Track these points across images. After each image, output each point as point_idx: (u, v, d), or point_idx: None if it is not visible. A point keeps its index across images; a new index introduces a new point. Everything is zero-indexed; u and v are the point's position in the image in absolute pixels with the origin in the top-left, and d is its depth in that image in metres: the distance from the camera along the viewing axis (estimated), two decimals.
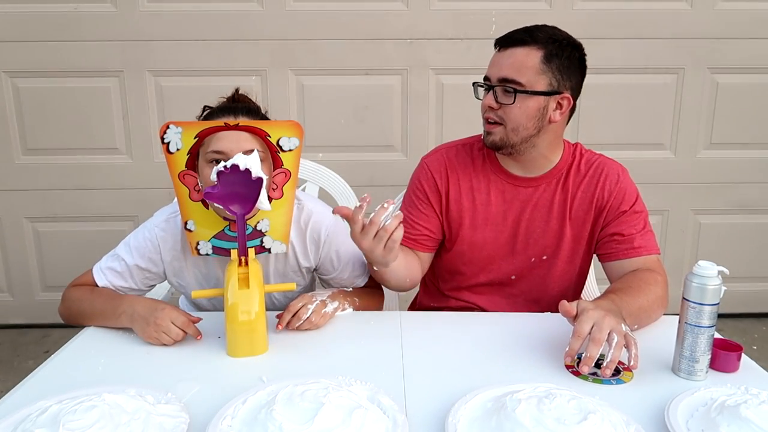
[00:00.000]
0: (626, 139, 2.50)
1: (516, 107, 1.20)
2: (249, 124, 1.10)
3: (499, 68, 1.21)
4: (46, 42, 2.36)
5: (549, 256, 1.33)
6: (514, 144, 1.23)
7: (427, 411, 0.87)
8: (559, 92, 1.21)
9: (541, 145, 1.26)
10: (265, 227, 1.16)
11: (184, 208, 1.13)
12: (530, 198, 1.31)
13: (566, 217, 1.30)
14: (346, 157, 2.38)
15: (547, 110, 1.22)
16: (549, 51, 1.18)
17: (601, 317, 0.95)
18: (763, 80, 2.49)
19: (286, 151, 1.13)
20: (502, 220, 1.32)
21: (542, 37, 1.19)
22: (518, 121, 1.21)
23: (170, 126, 1.07)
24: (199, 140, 1.09)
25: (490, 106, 1.22)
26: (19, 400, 0.89)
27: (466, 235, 1.33)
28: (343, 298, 1.25)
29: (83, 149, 2.47)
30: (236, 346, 1.05)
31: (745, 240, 2.66)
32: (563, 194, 1.30)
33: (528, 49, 1.19)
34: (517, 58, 1.19)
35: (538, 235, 1.32)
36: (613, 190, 1.28)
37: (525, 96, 1.19)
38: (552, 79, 1.20)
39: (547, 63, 1.18)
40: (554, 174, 1.31)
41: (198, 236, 1.15)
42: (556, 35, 1.21)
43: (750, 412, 0.77)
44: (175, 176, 1.11)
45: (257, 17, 2.36)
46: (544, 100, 1.20)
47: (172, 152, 1.09)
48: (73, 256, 2.57)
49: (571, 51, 1.21)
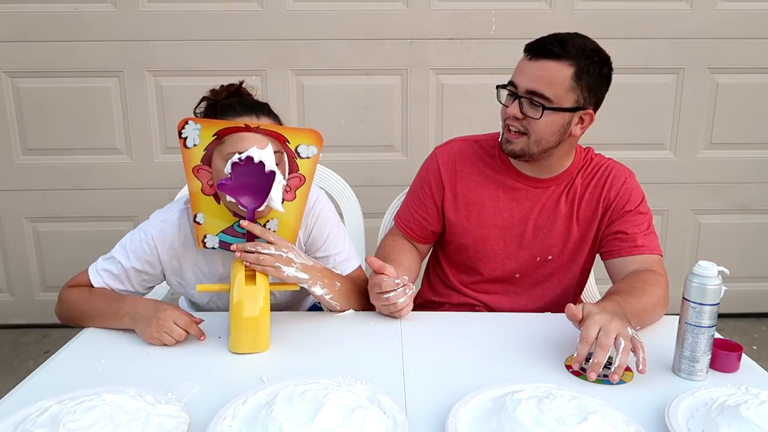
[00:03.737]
0: (626, 139, 2.50)
1: (541, 122, 1.19)
2: (270, 128, 1.10)
3: (530, 79, 1.18)
4: (46, 42, 2.36)
5: (554, 256, 1.34)
6: (534, 154, 1.24)
7: (427, 411, 0.87)
8: (583, 108, 1.21)
9: (558, 154, 1.28)
10: (275, 227, 1.17)
11: (195, 201, 1.14)
12: (539, 198, 1.32)
13: (573, 218, 1.31)
14: (346, 157, 2.37)
15: (570, 125, 1.22)
16: (580, 68, 1.17)
17: (607, 321, 0.95)
18: (763, 80, 2.49)
19: (304, 158, 1.13)
20: (509, 218, 1.33)
21: (575, 51, 1.17)
22: (541, 134, 1.21)
23: (189, 122, 1.08)
24: (218, 138, 1.10)
25: (515, 116, 1.21)
26: (19, 400, 0.89)
27: (471, 229, 1.34)
28: (322, 276, 1.16)
29: (83, 149, 2.47)
30: (240, 342, 1.06)
31: (745, 240, 2.66)
32: (571, 196, 1.31)
33: (560, 64, 1.16)
34: (548, 72, 1.17)
35: (544, 234, 1.32)
36: (619, 191, 1.29)
37: (551, 112, 1.18)
38: (579, 97, 1.19)
39: (577, 80, 1.17)
40: (564, 177, 1.32)
41: (206, 229, 1.16)
42: (587, 48, 1.19)
43: (750, 412, 0.77)
44: (190, 170, 1.12)
45: (257, 17, 2.36)
46: (569, 116, 1.20)
47: (189, 147, 1.10)
48: (73, 256, 2.56)
49: (601, 68, 1.20)
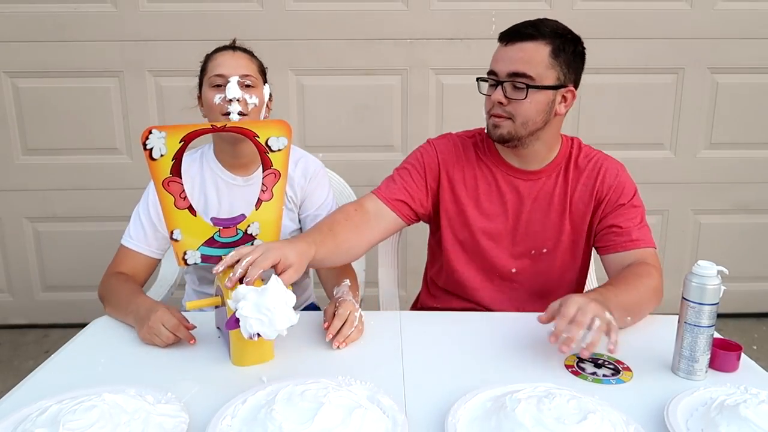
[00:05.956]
0: (626, 139, 2.50)
1: (527, 102, 1.20)
2: (238, 126, 1.10)
3: (510, 62, 1.20)
4: (46, 42, 2.36)
5: (549, 249, 1.34)
6: (522, 137, 1.24)
7: (426, 411, 0.87)
8: (565, 86, 1.23)
9: (544, 138, 1.27)
10: (256, 230, 1.15)
11: (169, 217, 1.08)
12: (530, 190, 1.32)
13: (566, 211, 1.32)
14: (346, 157, 2.38)
15: (554, 104, 1.23)
16: (556, 45, 1.20)
17: (585, 303, 0.97)
18: (763, 80, 2.49)
19: (275, 151, 1.12)
20: (503, 211, 1.33)
21: (548, 31, 1.20)
22: (528, 115, 1.22)
23: (153, 131, 1.01)
24: (185, 144, 1.05)
25: (499, 101, 1.22)
26: (19, 400, 0.89)
27: (467, 223, 1.34)
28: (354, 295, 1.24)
29: (83, 149, 2.47)
30: (243, 356, 1.01)
31: (745, 240, 2.66)
32: (563, 188, 1.31)
33: (536, 44, 1.19)
34: (527, 53, 1.19)
35: (537, 227, 1.33)
36: (612, 184, 1.29)
37: (535, 91, 1.19)
38: (560, 73, 1.21)
39: (555, 57, 1.20)
40: (554, 167, 1.32)
41: (185, 245, 1.10)
42: (559, 28, 1.22)
43: (749, 412, 0.77)
44: (159, 184, 1.05)
45: (257, 17, 2.36)
46: (553, 94, 1.22)
47: (156, 158, 1.03)
48: (73, 256, 2.57)
49: (575, 45, 1.23)
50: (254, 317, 0.91)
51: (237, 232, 1.13)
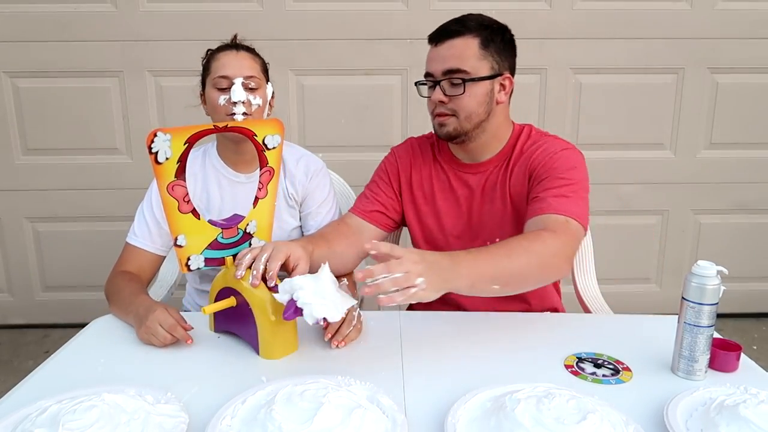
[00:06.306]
0: (626, 139, 2.50)
1: (466, 96, 1.22)
2: (238, 125, 1.11)
3: (442, 61, 1.23)
4: (46, 42, 2.36)
5: (501, 239, 1.23)
6: (468, 131, 1.26)
7: (426, 411, 0.87)
8: (500, 74, 1.25)
9: (490, 129, 1.29)
10: (253, 228, 1.17)
11: (173, 222, 1.06)
12: (478, 183, 1.33)
13: (506, 195, 1.30)
14: (346, 157, 2.37)
15: (493, 93, 1.25)
16: (484, 37, 1.23)
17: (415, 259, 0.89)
18: (763, 80, 2.49)
19: (271, 149, 1.14)
20: (457, 208, 1.35)
21: (474, 24, 1.23)
22: (470, 108, 1.24)
23: (158, 134, 0.98)
24: (189, 146, 1.03)
25: (440, 100, 1.24)
26: (19, 400, 0.89)
27: (428, 223, 1.37)
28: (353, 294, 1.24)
29: (83, 149, 2.47)
30: (272, 348, 1.04)
31: (745, 240, 2.66)
32: (505, 174, 1.31)
33: (464, 38, 1.22)
34: (456, 48, 1.22)
35: (487, 218, 1.33)
36: (542, 159, 1.24)
37: (472, 84, 1.22)
38: (493, 63, 1.24)
39: (485, 48, 1.23)
40: (501, 157, 1.32)
41: (189, 251, 1.09)
42: (484, 20, 1.26)
43: (749, 412, 0.77)
44: (164, 188, 1.02)
45: (257, 17, 2.36)
46: (490, 83, 1.24)
47: (161, 162, 1.00)
48: (73, 256, 2.57)
49: (503, 34, 1.26)
50: (318, 303, 0.95)
51: (237, 231, 1.13)
